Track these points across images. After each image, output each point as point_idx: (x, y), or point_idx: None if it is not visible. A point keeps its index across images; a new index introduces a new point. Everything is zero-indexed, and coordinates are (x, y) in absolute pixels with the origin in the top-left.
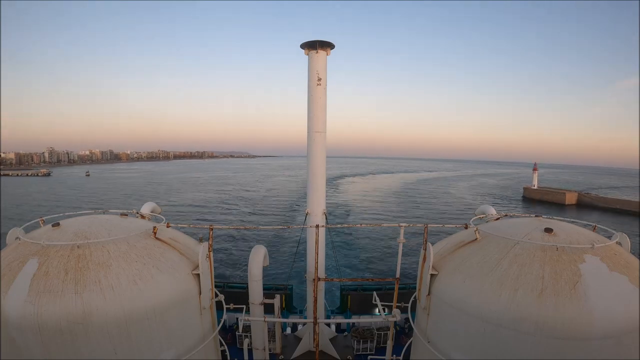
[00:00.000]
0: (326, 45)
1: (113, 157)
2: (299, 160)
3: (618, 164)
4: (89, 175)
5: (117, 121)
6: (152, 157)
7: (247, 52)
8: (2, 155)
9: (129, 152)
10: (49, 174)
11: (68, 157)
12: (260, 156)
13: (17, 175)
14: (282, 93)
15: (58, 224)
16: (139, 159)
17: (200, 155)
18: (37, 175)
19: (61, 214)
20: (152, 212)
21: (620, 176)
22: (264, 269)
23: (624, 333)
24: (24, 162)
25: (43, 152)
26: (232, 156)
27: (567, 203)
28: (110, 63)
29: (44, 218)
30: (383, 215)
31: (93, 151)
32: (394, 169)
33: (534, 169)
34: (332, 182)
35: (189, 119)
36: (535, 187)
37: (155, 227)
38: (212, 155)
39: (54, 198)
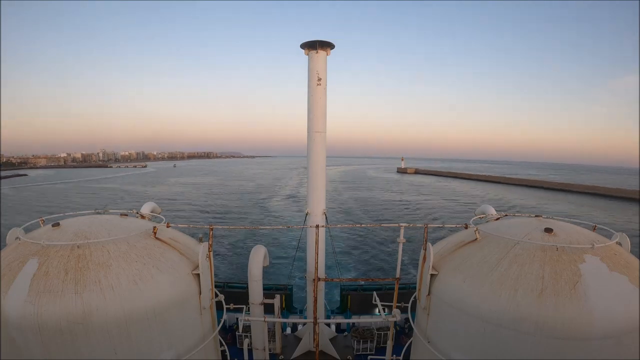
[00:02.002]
0: (326, 45)
1: (144, 157)
2: (294, 159)
3: (596, 161)
4: (175, 167)
5: (118, 122)
6: (173, 157)
7: (238, 53)
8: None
9: (155, 152)
10: (145, 166)
11: (114, 156)
12: (258, 156)
13: (126, 167)
14: (276, 94)
15: (58, 224)
16: (162, 158)
17: (207, 156)
18: (135, 167)
19: (61, 214)
20: (152, 212)
21: (553, 169)
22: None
23: (624, 333)
24: (87, 160)
25: (98, 153)
26: (233, 156)
27: (409, 172)
28: (110, 63)
29: (44, 218)
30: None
31: (130, 152)
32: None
33: (402, 159)
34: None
35: (188, 119)
36: (402, 167)
37: (155, 227)
38: (216, 156)
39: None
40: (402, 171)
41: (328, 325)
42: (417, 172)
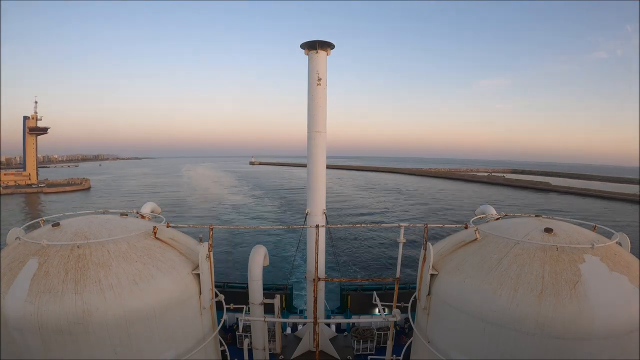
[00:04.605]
0: (326, 46)
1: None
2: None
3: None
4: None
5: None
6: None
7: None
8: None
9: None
10: None
11: None
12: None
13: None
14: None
15: (58, 224)
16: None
17: (96, 158)
18: None
19: (61, 214)
20: (152, 212)
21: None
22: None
23: (624, 333)
24: None
25: None
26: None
27: (251, 162)
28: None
29: (44, 218)
30: None
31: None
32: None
33: (252, 157)
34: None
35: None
36: (253, 161)
37: (155, 227)
38: (104, 158)
39: None
40: (252, 163)
41: (328, 325)
42: (260, 163)
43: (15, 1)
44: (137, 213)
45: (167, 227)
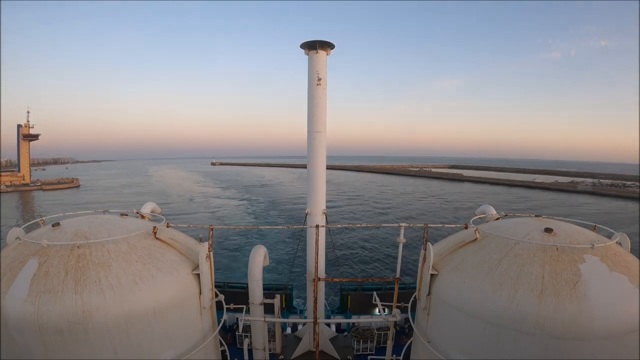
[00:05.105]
0: (326, 45)
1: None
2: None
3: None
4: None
5: None
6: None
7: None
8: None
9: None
10: None
11: None
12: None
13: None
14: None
15: (58, 224)
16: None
17: (55, 162)
18: None
19: (61, 214)
20: (152, 212)
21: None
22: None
23: (624, 333)
24: None
25: None
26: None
27: (212, 163)
28: None
29: (44, 218)
30: None
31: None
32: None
33: (214, 158)
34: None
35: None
36: (215, 161)
37: (155, 227)
38: (64, 161)
39: None
40: (214, 164)
41: (328, 325)
42: (221, 164)
43: None
44: (137, 213)
45: (167, 227)
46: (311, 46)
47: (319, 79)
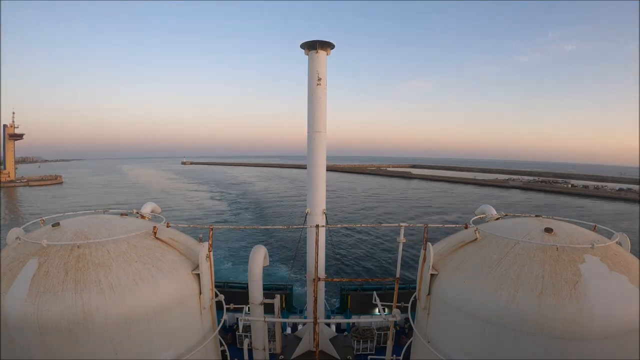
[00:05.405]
0: (326, 45)
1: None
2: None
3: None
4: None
5: None
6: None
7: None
8: None
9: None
10: None
11: None
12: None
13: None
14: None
15: (58, 224)
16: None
17: (23, 161)
18: None
19: (61, 214)
20: (152, 212)
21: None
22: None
23: (624, 333)
24: None
25: None
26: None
27: (182, 162)
28: None
29: (44, 218)
30: None
31: None
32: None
33: (184, 157)
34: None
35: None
36: (185, 161)
37: (155, 227)
38: (33, 160)
39: None
40: (184, 163)
41: (328, 325)
42: (192, 163)
43: None
44: (137, 213)
45: (167, 227)
46: (311, 46)
47: (319, 79)
